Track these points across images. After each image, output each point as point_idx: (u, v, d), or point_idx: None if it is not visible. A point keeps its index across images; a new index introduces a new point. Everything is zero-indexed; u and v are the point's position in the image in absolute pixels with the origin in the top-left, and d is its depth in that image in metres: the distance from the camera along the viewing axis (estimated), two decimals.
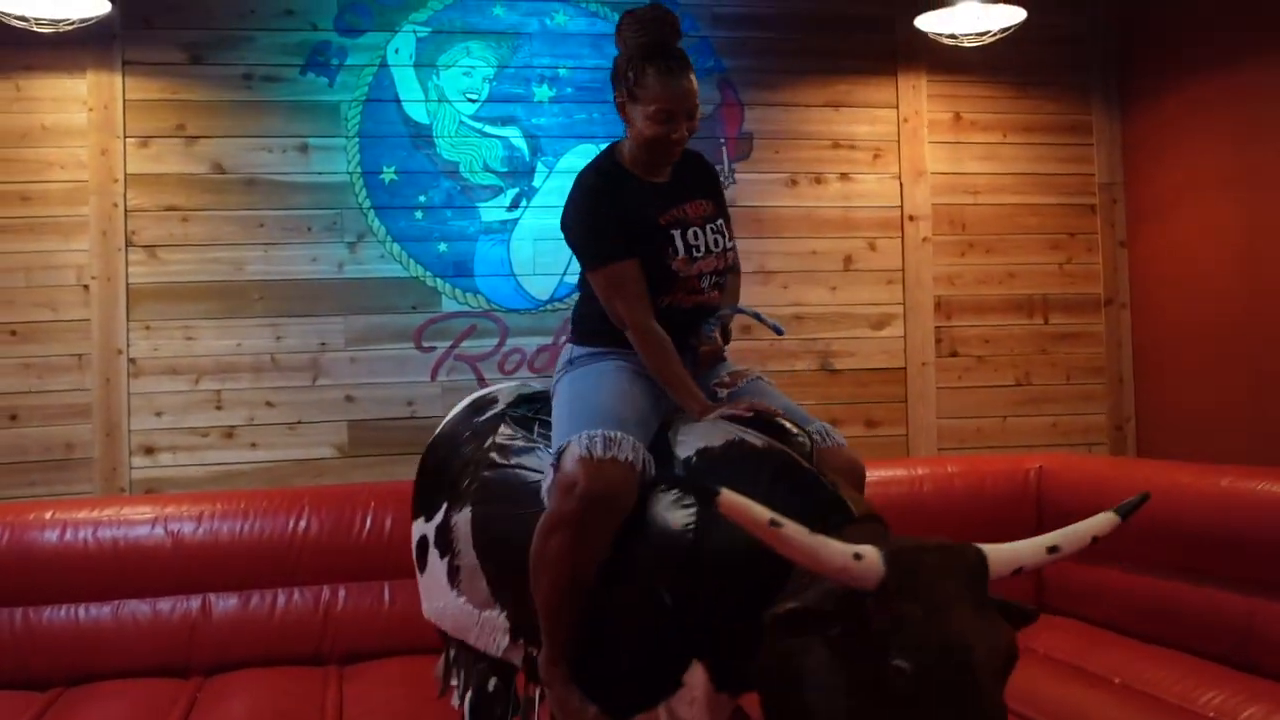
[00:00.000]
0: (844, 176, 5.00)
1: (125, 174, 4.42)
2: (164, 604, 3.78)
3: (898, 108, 5.06)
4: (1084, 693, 3.17)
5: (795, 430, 2.41)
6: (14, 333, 4.32)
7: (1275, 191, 4.38)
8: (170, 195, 4.46)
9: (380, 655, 3.78)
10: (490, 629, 2.54)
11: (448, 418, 2.87)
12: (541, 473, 2.48)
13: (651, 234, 2.54)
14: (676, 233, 2.56)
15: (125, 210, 4.41)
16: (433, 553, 2.65)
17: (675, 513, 2.27)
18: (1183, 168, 4.87)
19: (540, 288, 4.67)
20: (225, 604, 3.81)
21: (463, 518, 2.57)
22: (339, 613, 3.84)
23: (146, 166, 4.45)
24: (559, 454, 2.37)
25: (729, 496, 1.86)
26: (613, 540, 2.31)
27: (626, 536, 2.31)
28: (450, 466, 2.68)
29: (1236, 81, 4.55)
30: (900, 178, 5.04)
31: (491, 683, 2.64)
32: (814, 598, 1.91)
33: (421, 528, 2.73)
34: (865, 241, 4.99)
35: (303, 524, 3.86)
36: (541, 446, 2.57)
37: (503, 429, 2.65)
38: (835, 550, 1.85)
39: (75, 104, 4.40)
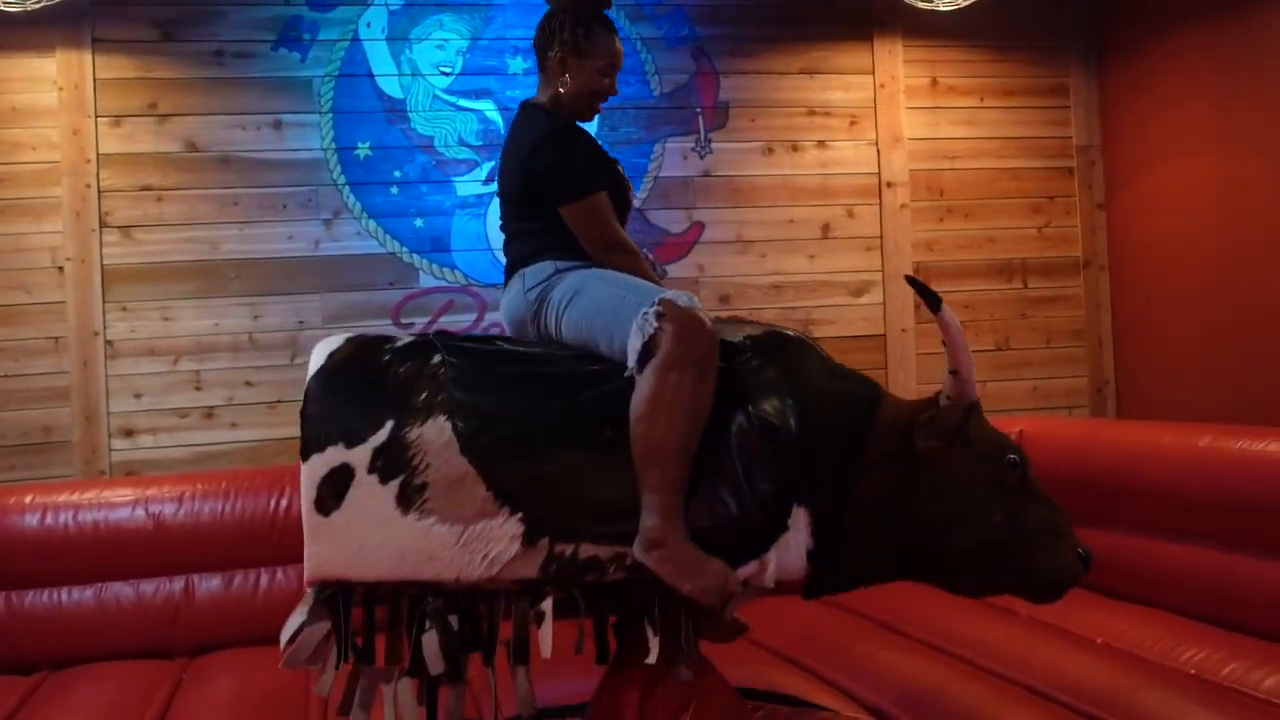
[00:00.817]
0: (821, 144, 4.99)
1: (98, 154, 4.38)
2: (147, 586, 3.77)
3: (874, 73, 5.04)
4: (1067, 653, 3.19)
5: None
6: None
7: (1251, 151, 4.39)
8: (144, 175, 4.43)
9: None
10: (483, 542, 2.38)
11: (328, 353, 2.55)
12: (559, 365, 2.56)
13: (613, 170, 2.77)
14: (618, 170, 2.82)
15: (98, 190, 4.38)
16: (367, 480, 2.39)
17: (764, 367, 2.51)
18: (1160, 129, 4.87)
19: None
20: (209, 585, 3.80)
21: (431, 430, 2.41)
22: None
23: (119, 146, 4.41)
24: (658, 305, 2.43)
25: (946, 308, 2.47)
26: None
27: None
28: (381, 387, 2.48)
29: (1213, 42, 4.56)
30: (877, 144, 5.03)
31: (454, 621, 2.43)
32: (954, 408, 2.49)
33: (339, 455, 2.41)
34: (843, 209, 4.99)
35: (285, 503, 3.84)
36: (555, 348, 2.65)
37: (451, 348, 2.55)
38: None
39: (45, 84, 4.36)
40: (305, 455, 2.43)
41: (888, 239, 5.01)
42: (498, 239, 4.63)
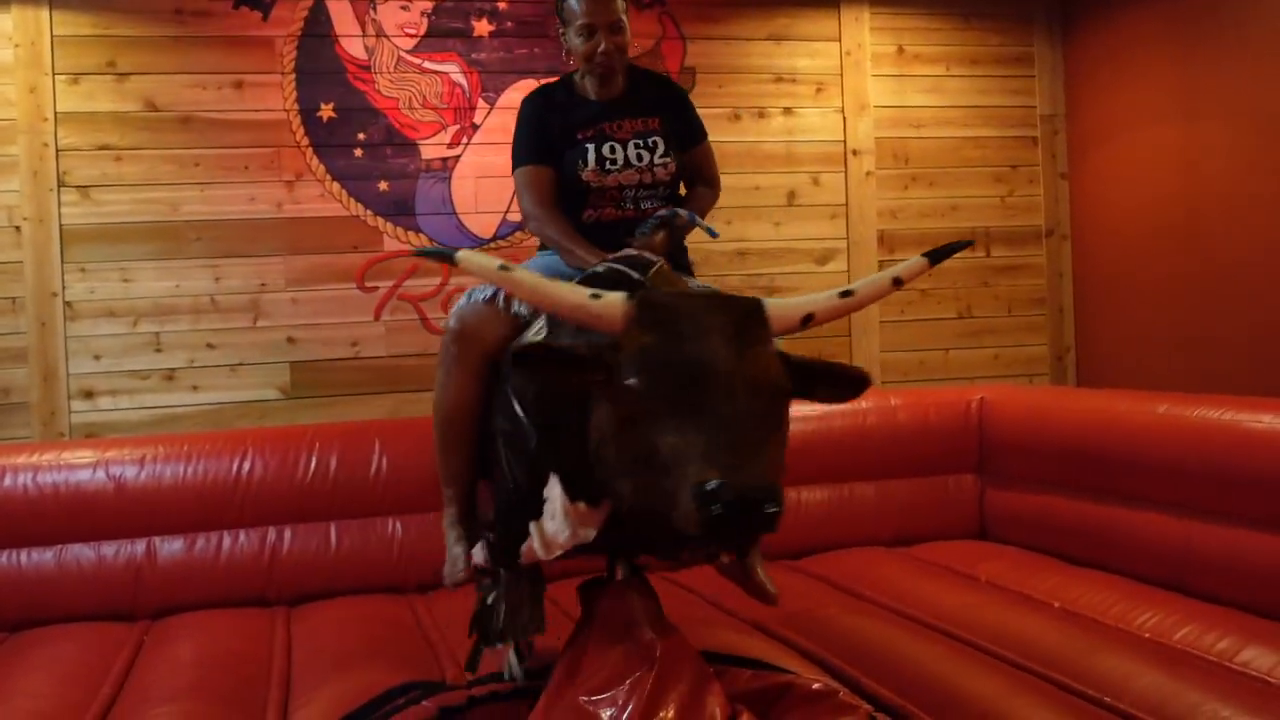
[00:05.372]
0: (787, 111, 4.98)
1: (55, 112, 4.32)
2: (108, 548, 3.74)
3: (840, 40, 5.04)
4: (1025, 618, 3.23)
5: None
6: None
7: (1213, 121, 4.43)
8: (103, 134, 4.37)
9: (327, 595, 3.78)
10: None
11: None
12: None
13: (568, 146, 2.83)
14: (591, 146, 2.82)
15: (56, 149, 4.32)
16: None
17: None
18: (1123, 98, 4.90)
19: (482, 226, 4.63)
20: (170, 547, 3.78)
21: None
22: (285, 554, 3.81)
23: (77, 104, 4.35)
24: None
25: (465, 253, 2.12)
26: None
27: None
28: None
29: (1176, 12, 4.58)
30: (843, 111, 5.04)
31: None
32: (566, 341, 2.12)
33: None
34: (809, 176, 4.99)
35: (246, 466, 3.82)
36: None
37: None
38: (567, 292, 2.07)
39: (1, 40, 4.28)
40: None
41: (853, 206, 5.02)
42: (462, 203, 4.62)
